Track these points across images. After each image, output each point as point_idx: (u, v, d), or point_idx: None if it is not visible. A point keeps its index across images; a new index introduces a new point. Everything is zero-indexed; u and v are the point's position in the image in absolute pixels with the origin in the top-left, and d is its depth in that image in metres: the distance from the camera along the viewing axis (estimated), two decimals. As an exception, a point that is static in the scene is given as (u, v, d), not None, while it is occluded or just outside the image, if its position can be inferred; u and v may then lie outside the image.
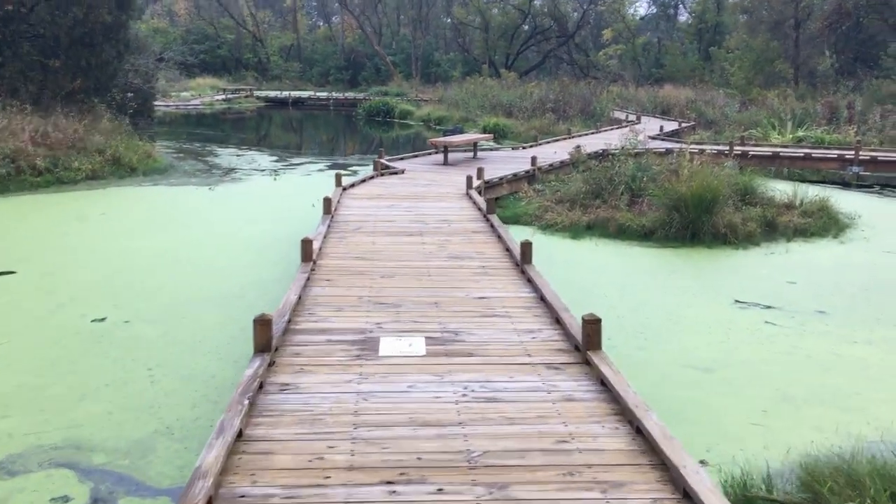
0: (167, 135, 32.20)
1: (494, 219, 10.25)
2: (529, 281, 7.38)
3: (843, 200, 15.06)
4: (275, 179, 19.12)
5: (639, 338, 7.98)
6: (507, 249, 8.75)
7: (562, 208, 13.91)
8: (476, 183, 13.74)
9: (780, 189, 15.17)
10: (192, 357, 7.39)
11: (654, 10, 79.57)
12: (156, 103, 49.18)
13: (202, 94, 58.50)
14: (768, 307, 9.10)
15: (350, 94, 58.00)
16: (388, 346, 5.54)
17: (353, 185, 13.75)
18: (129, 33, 25.12)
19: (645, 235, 12.61)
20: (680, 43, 66.73)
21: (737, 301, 9.30)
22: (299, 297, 6.66)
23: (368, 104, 44.34)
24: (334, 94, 58.30)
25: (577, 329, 5.66)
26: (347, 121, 43.73)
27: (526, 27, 69.90)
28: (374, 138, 35.80)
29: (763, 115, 28.64)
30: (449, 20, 77.86)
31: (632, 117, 34.23)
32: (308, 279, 7.30)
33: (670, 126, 29.01)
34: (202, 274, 10.27)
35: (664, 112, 38.00)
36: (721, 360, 7.39)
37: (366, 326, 6.03)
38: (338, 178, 13.26)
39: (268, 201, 16.05)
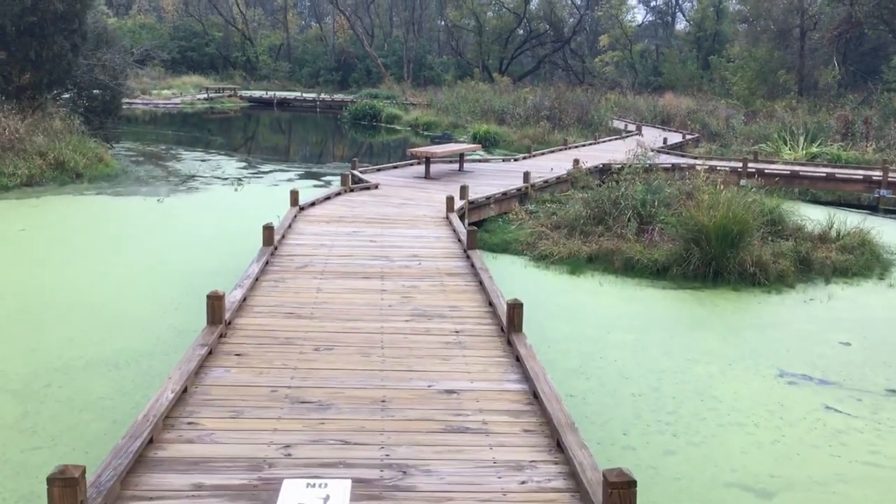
0: (135, 135, 29.99)
1: (476, 256, 8.18)
2: (518, 361, 5.32)
3: (877, 230, 12.98)
4: (236, 190, 17.01)
5: (665, 433, 5.93)
6: (491, 304, 6.69)
7: (558, 235, 11.87)
8: (458, 203, 11.69)
9: (809, 217, 13.18)
10: (51, 457, 5.30)
11: (651, 18, 77.91)
12: (134, 101, 47.25)
13: (185, 92, 56.41)
14: (824, 382, 7.07)
15: (338, 96, 55.83)
16: (291, 500, 3.46)
17: (312, 204, 11.65)
18: (86, 24, 22.91)
19: (658, 272, 10.57)
20: (679, 51, 64.89)
21: (783, 373, 7.26)
22: (184, 390, 4.58)
23: (354, 107, 42.19)
24: (322, 96, 56.12)
25: (591, 472, 3.59)
26: (333, 124, 41.66)
27: (521, 31, 67.96)
28: (358, 143, 33.75)
29: (773, 128, 26.67)
30: (442, 22, 75.90)
31: (631, 127, 32.27)
32: (209, 354, 5.22)
33: (674, 138, 27.04)
34: (109, 321, 8.15)
35: (664, 122, 36.08)
36: (781, 476, 5.34)
37: (266, 452, 3.95)
38: (293, 195, 11.14)
39: (221, 218, 13.95)
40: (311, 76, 72.45)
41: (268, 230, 8.29)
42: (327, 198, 12.34)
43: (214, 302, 5.57)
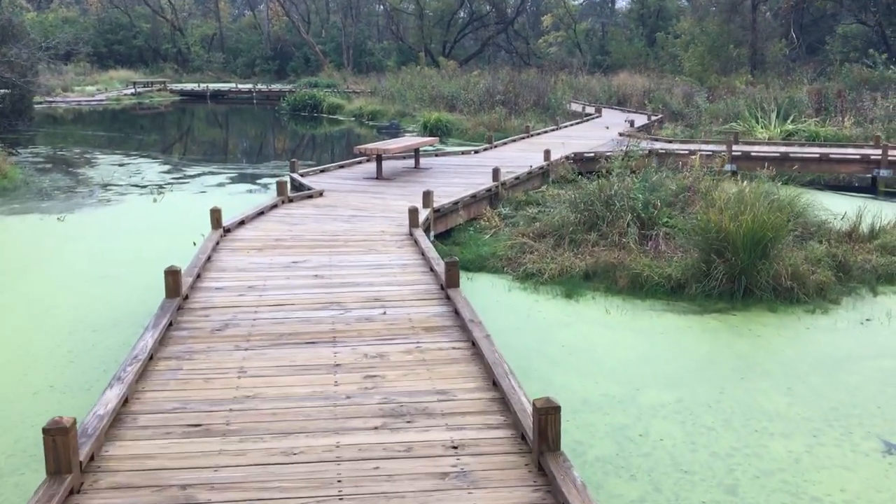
0: (49, 137, 27.08)
1: (461, 301, 6.03)
2: (566, 512, 3.24)
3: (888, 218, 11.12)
4: (154, 201, 14.54)
5: (775, 583, 3.92)
6: (495, 384, 4.58)
7: (544, 247, 9.82)
8: (423, 214, 9.54)
9: (825, 207, 11.39)
10: None
11: (592, -4, 76.26)
12: (54, 100, 43.81)
13: (110, 88, 52.97)
14: (948, 458, 5.17)
15: (276, 87, 53.01)
16: None
17: (241, 223, 9.35)
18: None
19: (672, 291, 8.60)
20: (625, 28, 63.41)
21: (890, 447, 5.33)
22: None
23: (293, 97, 39.56)
24: (258, 87, 53.14)
25: None
26: (271, 116, 38.99)
27: (462, 13, 65.82)
28: (299, 136, 31.24)
29: (743, 105, 25.05)
30: (381, 6, 73.31)
31: (590, 109, 30.51)
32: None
33: (640, 120, 25.28)
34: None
35: (620, 102, 34.50)
36: None
37: None
38: (214, 215, 8.79)
39: (133, 239, 11.53)
40: (247, 66, 69.33)
41: (172, 276, 6.00)
42: (260, 213, 10.04)
43: (56, 438, 3.35)
